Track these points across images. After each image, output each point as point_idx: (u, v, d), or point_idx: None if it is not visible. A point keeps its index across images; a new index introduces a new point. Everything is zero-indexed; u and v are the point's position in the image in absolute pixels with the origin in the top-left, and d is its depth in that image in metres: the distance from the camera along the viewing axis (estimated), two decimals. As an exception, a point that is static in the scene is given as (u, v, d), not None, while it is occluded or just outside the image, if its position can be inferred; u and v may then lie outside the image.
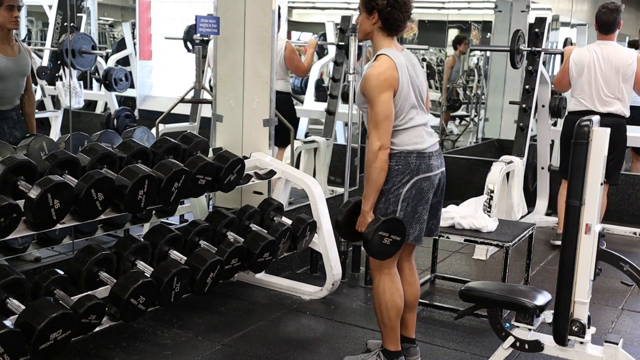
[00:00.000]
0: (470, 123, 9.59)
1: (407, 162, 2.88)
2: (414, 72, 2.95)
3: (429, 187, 2.92)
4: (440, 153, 3.02)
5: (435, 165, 2.95)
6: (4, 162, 2.79)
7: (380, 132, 2.82)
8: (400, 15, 2.89)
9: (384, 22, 2.90)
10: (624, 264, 2.79)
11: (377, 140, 2.83)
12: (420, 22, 9.01)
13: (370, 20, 2.92)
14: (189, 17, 6.40)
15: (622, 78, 4.88)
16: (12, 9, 3.84)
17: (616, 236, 5.59)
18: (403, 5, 2.89)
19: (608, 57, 4.91)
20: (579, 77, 4.95)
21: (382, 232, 2.87)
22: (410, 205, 2.90)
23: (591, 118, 2.63)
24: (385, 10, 2.87)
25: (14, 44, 3.95)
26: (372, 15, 2.91)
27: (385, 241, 2.89)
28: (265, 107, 4.17)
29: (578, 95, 4.97)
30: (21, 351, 2.58)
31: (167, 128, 5.15)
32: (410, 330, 3.19)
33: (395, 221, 2.90)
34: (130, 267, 3.22)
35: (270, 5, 4.07)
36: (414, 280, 3.17)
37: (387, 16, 2.88)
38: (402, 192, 2.88)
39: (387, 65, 2.85)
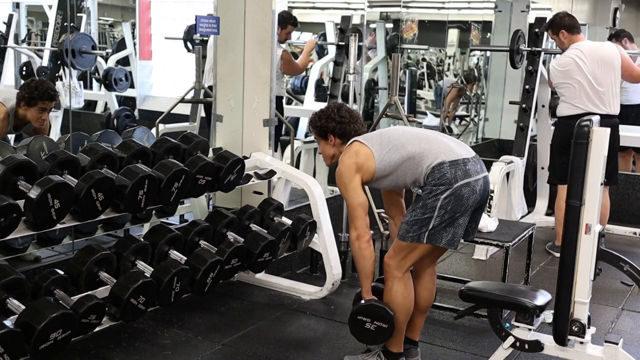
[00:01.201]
0: (470, 123, 9.59)
1: (442, 174, 2.80)
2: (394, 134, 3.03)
3: (470, 193, 2.82)
4: (478, 159, 2.94)
5: (474, 170, 2.86)
6: (4, 162, 2.79)
7: (355, 222, 2.94)
8: (352, 126, 3.07)
9: (341, 138, 3.07)
10: (624, 264, 2.79)
11: (353, 230, 2.95)
12: (420, 22, 8.99)
13: (330, 144, 3.11)
14: (189, 17, 6.41)
15: (613, 71, 4.78)
16: (43, 112, 4.02)
17: (616, 236, 5.59)
18: (350, 117, 3.07)
19: (592, 55, 4.78)
20: (567, 82, 4.80)
21: (362, 316, 2.93)
22: (448, 212, 2.81)
23: (591, 118, 2.63)
24: (337, 128, 3.05)
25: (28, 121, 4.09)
26: (329, 139, 3.10)
27: (368, 326, 2.92)
28: (265, 107, 4.17)
29: (571, 100, 4.80)
30: (21, 351, 2.58)
31: (167, 128, 5.15)
32: (416, 333, 3.19)
33: (377, 308, 2.93)
34: (130, 267, 3.22)
35: (270, 5, 4.07)
36: (432, 286, 3.15)
37: (342, 132, 3.06)
38: (439, 199, 2.80)
39: (348, 154, 2.98)
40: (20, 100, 4.00)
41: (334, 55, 6.55)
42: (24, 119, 4.03)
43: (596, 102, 4.74)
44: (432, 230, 2.83)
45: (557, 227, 5.07)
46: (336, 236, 4.10)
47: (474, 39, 9.60)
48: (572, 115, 4.74)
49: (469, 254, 5.01)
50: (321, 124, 3.09)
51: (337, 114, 3.07)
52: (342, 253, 4.33)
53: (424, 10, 9.89)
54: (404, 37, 8.19)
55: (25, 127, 4.12)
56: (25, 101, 3.97)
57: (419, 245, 2.88)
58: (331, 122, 3.06)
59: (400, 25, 7.94)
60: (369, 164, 2.92)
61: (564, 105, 4.87)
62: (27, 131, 4.19)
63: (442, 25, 9.76)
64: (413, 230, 2.86)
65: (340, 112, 3.08)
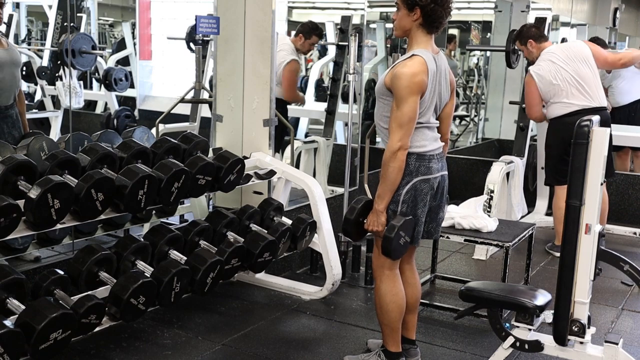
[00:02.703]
0: (470, 123, 9.59)
1: (406, 164, 2.85)
2: (441, 79, 2.90)
3: (428, 189, 2.90)
4: (442, 157, 2.98)
5: (435, 168, 2.92)
6: (4, 162, 2.78)
7: (402, 132, 2.78)
8: (442, 11, 2.81)
9: (425, 19, 2.82)
10: (624, 264, 2.80)
11: (398, 140, 2.78)
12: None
13: (411, 17, 2.83)
14: (189, 17, 6.40)
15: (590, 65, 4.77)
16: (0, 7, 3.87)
17: (616, 236, 5.59)
18: (445, 2, 2.81)
19: (566, 53, 4.79)
20: (552, 87, 4.76)
21: (402, 231, 2.88)
22: (409, 207, 2.89)
23: (591, 118, 2.63)
24: (429, 6, 2.79)
25: (1, 38, 4.00)
26: (414, 11, 2.81)
27: (401, 241, 2.90)
28: (265, 107, 4.17)
29: (562, 99, 4.76)
30: (21, 351, 2.58)
31: (167, 128, 5.14)
32: (411, 332, 3.19)
33: (411, 222, 2.92)
34: (130, 267, 3.22)
35: (270, 5, 4.07)
36: (415, 281, 3.17)
37: (430, 12, 2.80)
38: (401, 194, 2.87)
39: (421, 68, 2.78)
40: None
41: (334, 55, 6.55)
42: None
43: (586, 97, 4.74)
44: None
45: (556, 226, 5.06)
46: (336, 236, 4.10)
47: (473, 39, 9.61)
48: (567, 114, 4.73)
49: (469, 254, 5.01)
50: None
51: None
52: (342, 253, 4.33)
53: (424, 10, 9.88)
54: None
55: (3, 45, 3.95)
56: None
57: None
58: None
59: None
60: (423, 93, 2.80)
61: (555, 106, 4.81)
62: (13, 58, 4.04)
63: (442, 25, 9.75)
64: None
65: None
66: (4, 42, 4.02)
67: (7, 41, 4.09)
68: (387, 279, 2.98)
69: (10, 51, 4.02)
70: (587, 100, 4.73)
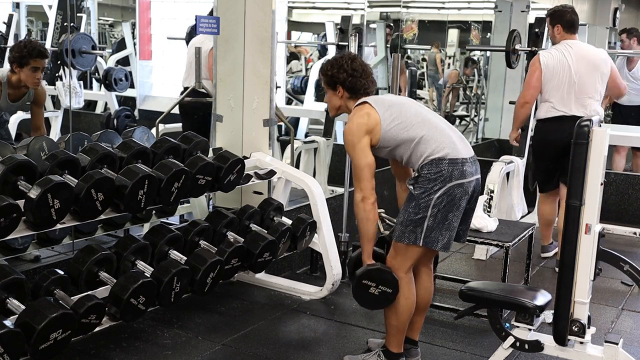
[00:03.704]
0: (470, 123, 9.59)
1: (439, 169, 2.80)
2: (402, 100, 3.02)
3: (462, 194, 2.83)
4: (475, 160, 2.93)
5: (470, 172, 2.85)
6: (4, 162, 2.79)
7: (361, 183, 2.87)
8: (362, 81, 2.99)
9: (350, 92, 2.99)
10: (624, 264, 2.80)
11: (358, 191, 2.89)
12: (420, 22, 9.01)
13: (337, 95, 3.02)
14: (188, 17, 6.40)
15: (599, 76, 4.52)
16: (37, 71, 3.95)
17: (616, 236, 5.58)
18: (363, 72, 2.99)
19: (582, 56, 4.52)
20: (552, 81, 4.52)
21: (367, 280, 2.87)
22: (440, 211, 2.81)
23: (591, 118, 2.63)
24: (348, 80, 2.97)
25: (24, 91, 4.06)
26: (337, 90, 3.01)
27: (373, 291, 2.88)
28: (265, 107, 4.17)
29: (553, 101, 4.54)
30: (21, 351, 2.58)
31: (167, 128, 5.15)
32: (416, 333, 3.19)
33: (383, 272, 2.89)
34: (130, 267, 3.22)
35: (270, 5, 4.08)
36: (429, 285, 3.15)
37: (351, 85, 2.98)
38: (432, 198, 2.80)
39: (358, 114, 2.91)
40: (12, 63, 3.92)
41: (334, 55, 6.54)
42: (18, 84, 3.94)
43: (579, 105, 4.49)
44: (427, 232, 2.83)
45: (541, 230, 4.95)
46: (336, 236, 4.10)
47: (473, 39, 9.62)
48: (553, 118, 4.54)
49: (469, 254, 5.01)
50: (332, 73, 2.99)
51: (350, 66, 2.97)
52: (342, 253, 4.33)
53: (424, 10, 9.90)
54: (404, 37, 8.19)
55: (23, 98, 4.05)
56: (17, 62, 3.89)
57: (416, 247, 2.88)
58: (342, 73, 2.96)
59: (400, 25, 7.94)
60: (376, 130, 2.88)
61: (545, 106, 4.60)
62: (24, 109, 4.15)
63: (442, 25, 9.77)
64: (408, 231, 2.86)
65: (353, 65, 2.98)
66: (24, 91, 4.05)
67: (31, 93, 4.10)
68: (402, 282, 2.93)
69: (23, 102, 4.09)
70: (577, 109, 4.48)
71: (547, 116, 4.57)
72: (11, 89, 3.98)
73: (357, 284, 2.89)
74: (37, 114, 4.18)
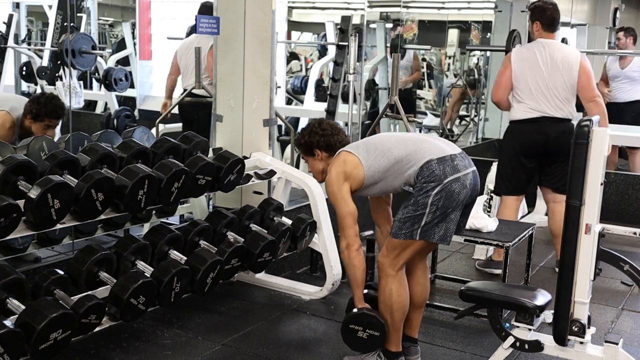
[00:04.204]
0: (470, 123, 9.59)
1: (431, 171, 2.82)
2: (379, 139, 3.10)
3: (461, 188, 2.83)
4: (465, 155, 2.95)
5: (462, 165, 2.87)
6: (4, 162, 2.79)
7: (344, 231, 2.98)
8: (337, 137, 3.13)
9: (327, 150, 3.14)
10: (624, 264, 2.80)
11: (343, 239, 2.98)
12: (420, 22, 9.01)
13: (318, 159, 3.17)
14: (189, 17, 6.41)
15: (572, 78, 4.35)
16: (48, 129, 3.97)
17: (616, 236, 5.58)
18: (332, 130, 3.15)
19: (555, 57, 4.37)
20: (523, 80, 4.40)
21: (354, 325, 2.97)
22: (439, 208, 2.82)
23: (591, 118, 2.63)
24: (322, 141, 3.12)
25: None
26: (315, 154, 3.16)
27: (361, 335, 2.96)
28: (265, 107, 4.17)
29: (526, 101, 4.40)
30: (21, 351, 2.58)
31: (167, 128, 5.16)
32: (414, 330, 3.19)
33: (368, 317, 2.96)
34: (130, 267, 3.22)
35: (270, 5, 4.08)
36: (425, 281, 3.16)
37: (327, 145, 3.13)
38: (431, 195, 2.81)
39: (336, 163, 3.01)
40: (27, 112, 3.95)
41: (334, 55, 6.55)
42: (29, 130, 3.98)
43: (553, 106, 4.38)
44: (425, 227, 2.85)
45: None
46: (336, 236, 4.09)
47: (473, 39, 9.62)
48: (527, 119, 4.42)
49: (469, 254, 5.01)
50: (305, 140, 3.16)
51: (319, 128, 3.14)
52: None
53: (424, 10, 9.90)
54: (405, 36, 8.19)
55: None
56: (32, 115, 3.93)
57: (412, 242, 2.90)
58: (315, 136, 3.13)
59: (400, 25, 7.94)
60: (357, 172, 2.95)
61: (518, 107, 4.45)
62: None
63: (442, 25, 9.77)
64: (405, 228, 2.87)
65: (322, 126, 3.16)
66: None
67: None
68: (394, 280, 2.95)
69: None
70: (551, 110, 4.37)
71: (523, 117, 4.44)
72: (22, 130, 4.00)
73: (344, 328, 3.02)
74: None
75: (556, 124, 4.39)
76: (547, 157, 4.48)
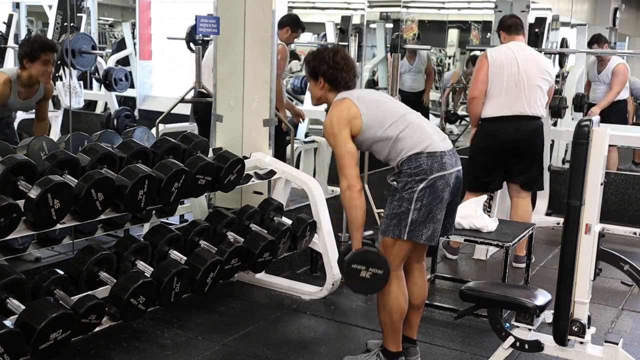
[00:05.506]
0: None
1: (418, 163, 2.84)
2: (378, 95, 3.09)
3: (444, 185, 2.86)
4: (454, 152, 2.97)
5: (449, 163, 2.89)
6: (4, 162, 2.79)
7: (344, 171, 2.91)
8: (344, 74, 3.03)
9: (331, 83, 3.04)
10: (624, 264, 2.80)
11: (343, 180, 2.91)
12: (420, 22, 9.00)
13: (319, 86, 3.07)
14: (189, 17, 6.41)
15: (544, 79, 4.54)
16: (47, 64, 3.95)
17: (616, 236, 5.59)
18: (344, 66, 3.02)
19: (529, 58, 4.55)
20: (498, 77, 4.48)
21: (357, 264, 2.87)
22: (424, 205, 2.84)
23: (591, 118, 2.63)
24: (329, 73, 3.01)
25: (35, 87, 4.05)
26: (319, 81, 3.06)
27: (364, 274, 2.87)
28: (265, 107, 4.17)
29: (500, 99, 4.49)
30: (21, 351, 2.58)
31: (167, 128, 5.15)
32: (413, 331, 3.19)
33: (371, 253, 2.90)
34: (130, 267, 3.22)
35: (270, 5, 4.08)
36: (423, 282, 3.16)
37: (332, 78, 3.02)
38: (415, 191, 2.83)
39: (339, 107, 2.96)
40: (22, 58, 3.93)
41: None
42: (29, 82, 3.96)
43: (526, 104, 4.48)
44: (412, 226, 2.86)
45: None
46: (336, 236, 4.10)
47: (473, 39, 9.62)
48: (498, 117, 4.51)
49: (469, 254, 5.01)
50: (314, 65, 3.05)
51: (332, 59, 3.01)
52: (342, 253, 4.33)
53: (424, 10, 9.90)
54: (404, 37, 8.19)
55: (34, 96, 4.06)
56: (28, 57, 3.90)
57: (402, 242, 2.90)
58: (324, 65, 3.01)
59: (400, 25, 7.93)
60: (356, 123, 2.93)
61: (489, 104, 4.54)
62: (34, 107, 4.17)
63: (442, 25, 9.77)
64: (393, 225, 2.88)
65: (335, 57, 3.02)
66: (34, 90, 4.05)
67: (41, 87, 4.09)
68: (391, 280, 2.94)
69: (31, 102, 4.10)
70: (522, 107, 4.47)
71: (494, 115, 4.53)
72: (22, 87, 3.98)
73: (347, 269, 2.90)
74: (44, 107, 4.22)
75: (527, 122, 4.51)
76: (516, 155, 4.57)
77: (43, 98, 4.14)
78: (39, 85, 4.05)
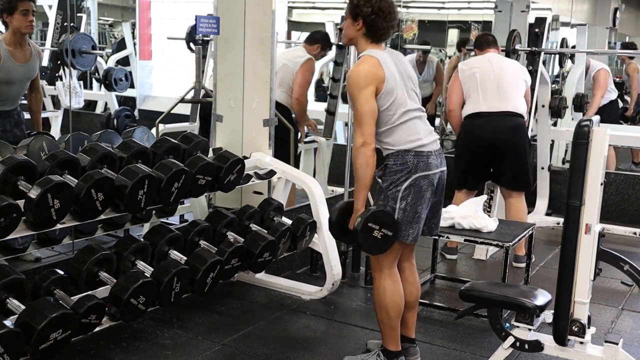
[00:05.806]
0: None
1: (404, 160, 2.89)
2: (403, 68, 2.99)
3: (428, 185, 2.91)
4: (440, 153, 3.01)
5: (435, 164, 2.94)
6: (4, 162, 2.79)
7: (362, 128, 2.85)
8: (384, 23, 2.93)
9: (368, 29, 2.94)
10: (624, 264, 2.80)
11: (359, 136, 2.86)
12: (420, 22, 9.01)
13: (355, 27, 2.96)
14: (189, 17, 6.41)
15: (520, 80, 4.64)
16: (27, 14, 3.89)
17: (616, 236, 5.59)
18: (388, 15, 2.93)
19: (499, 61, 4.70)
20: (471, 81, 4.60)
21: (372, 223, 2.84)
22: (409, 205, 2.89)
23: (591, 118, 2.63)
24: (370, 17, 2.91)
25: (27, 48, 4.00)
26: (357, 21, 2.95)
27: (376, 234, 2.86)
28: (265, 107, 4.17)
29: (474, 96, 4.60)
30: (21, 351, 2.58)
31: (167, 128, 5.15)
32: (410, 330, 3.19)
33: (385, 214, 2.89)
34: (130, 267, 3.22)
35: (270, 5, 4.08)
36: (414, 279, 3.17)
37: (371, 23, 2.92)
38: (400, 190, 2.88)
39: (369, 62, 2.89)
40: (1, 14, 3.87)
41: (334, 55, 6.54)
42: (15, 39, 3.87)
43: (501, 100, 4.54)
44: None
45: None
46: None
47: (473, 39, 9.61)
48: (476, 113, 4.58)
49: (469, 254, 5.01)
50: (357, 3, 2.92)
51: (378, 4, 2.90)
52: (342, 253, 4.33)
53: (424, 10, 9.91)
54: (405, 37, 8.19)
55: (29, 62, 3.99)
56: (6, 10, 3.84)
57: None
58: (368, 8, 2.89)
59: (400, 25, 7.93)
60: (380, 87, 2.87)
61: (468, 104, 4.65)
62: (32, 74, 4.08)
63: (442, 25, 9.78)
64: None
65: (381, 3, 2.91)
66: (29, 52, 4.00)
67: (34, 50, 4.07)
68: (386, 278, 2.98)
69: (30, 65, 4.03)
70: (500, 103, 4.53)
71: (473, 111, 4.61)
72: (12, 47, 3.90)
73: (363, 227, 2.84)
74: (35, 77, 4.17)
75: (506, 118, 4.54)
76: (498, 153, 4.60)
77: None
78: (29, 46, 3.99)
